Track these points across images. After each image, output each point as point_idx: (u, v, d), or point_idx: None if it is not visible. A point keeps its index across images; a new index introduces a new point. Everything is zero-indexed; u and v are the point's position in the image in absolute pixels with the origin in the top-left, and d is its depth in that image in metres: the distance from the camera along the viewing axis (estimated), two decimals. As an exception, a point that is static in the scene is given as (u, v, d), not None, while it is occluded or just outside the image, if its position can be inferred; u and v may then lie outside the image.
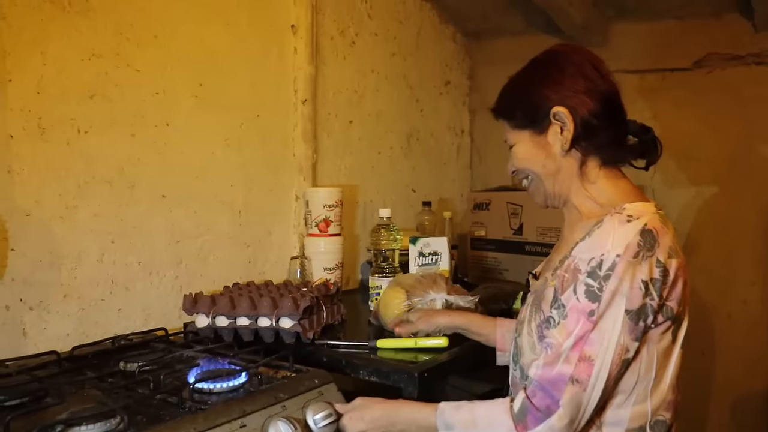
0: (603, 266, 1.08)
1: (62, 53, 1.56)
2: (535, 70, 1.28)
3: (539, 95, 1.23)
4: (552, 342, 1.10)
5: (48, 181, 1.55)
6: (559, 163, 1.24)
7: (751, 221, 2.58)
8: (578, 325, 1.08)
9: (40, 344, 1.52)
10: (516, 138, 1.28)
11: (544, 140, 1.24)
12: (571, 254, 1.17)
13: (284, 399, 1.21)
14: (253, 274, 2.06)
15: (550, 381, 1.08)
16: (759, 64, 2.56)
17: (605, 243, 1.10)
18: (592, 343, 1.07)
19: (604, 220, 1.15)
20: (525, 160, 1.27)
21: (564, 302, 1.11)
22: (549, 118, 1.22)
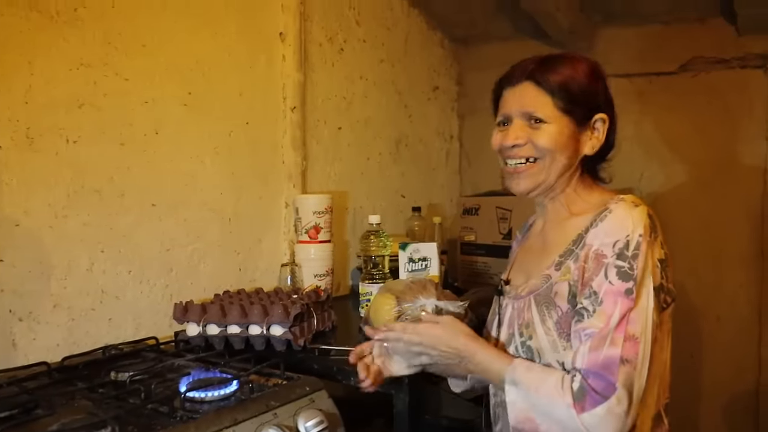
0: (630, 246, 1.12)
1: (50, 63, 1.56)
2: (594, 70, 1.27)
3: (597, 93, 1.26)
4: (593, 330, 1.10)
5: (37, 191, 1.55)
6: (576, 162, 1.26)
7: (738, 223, 2.61)
8: (617, 306, 1.09)
9: (30, 355, 1.52)
10: (553, 117, 1.23)
11: (578, 135, 1.25)
12: (582, 244, 1.18)
13: (275, 407, 1.21)
14: (244, 281, 2.06)
15: (602, 365, 1.07)
16: (743, 67, 2.59)
17: (626, 225, 1.14)
18: (634, 322, 1.09)
19: (611, 207, 1.18)
20: (556, 142, 1.23)
21: (596, 289, 1.12)
22: (591, 119, 1.25)
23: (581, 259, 1.17)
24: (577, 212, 1.27)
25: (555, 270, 1.23)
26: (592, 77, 1.26)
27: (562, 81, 1.23)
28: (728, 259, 2.63)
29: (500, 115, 1.30)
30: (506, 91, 1.28)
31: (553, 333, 1.19)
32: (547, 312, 1.21)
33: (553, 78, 1.23)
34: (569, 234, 1.24)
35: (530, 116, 1.23)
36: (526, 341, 1.24)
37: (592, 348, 1.08)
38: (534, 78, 1.24)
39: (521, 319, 1.27)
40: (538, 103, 1.23)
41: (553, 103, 1.22)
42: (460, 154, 3.29)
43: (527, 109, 1.23)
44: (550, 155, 1.23)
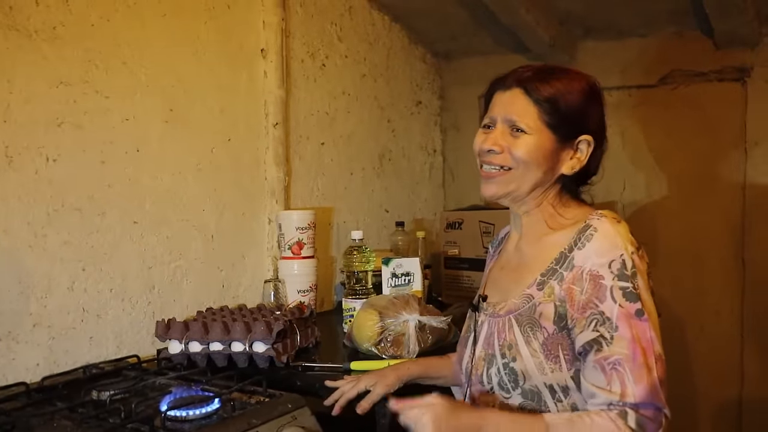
0: (627, 265, 1.11)
1: (29, 81, 1.55)
2: (591, 91, 1.25)
3: (587, 115, 1.24)
4: (619, 358, 1.07)
5: (16, 210, 1.54)
6: (552, 179, 1.25)
7: (719, 234, 2.63)
8: (634, 330, 1.08)
9: (9, 375, 1.50)
10: (536, 129, 1.21)
11: (558, 153, 1.23)
12: (568, 264, 1.16)
13: (257, 424, 1.21)
14: (227, 298, 2.05)
15: (650, 394, 1.06)
16: (721, 80, 2.62)
17: (617, 243, 1.13)
18: (655, 341, 1.09)
19: (593, 224, 1.17)
20: (532, 154, 1.21)
21: (609, 315, 1.10)
22: (575, 139, 1.23)
23: (567, 280, 1.16)
24: (554, 227, 1.25)
25: (537, 290, 1.21)
26: (586, 97, 1.24)
27: (552, 95, 1.21)
28: (710, 269, 2.65)
29: (487, 117, 1.28)
30: (497, 95, 1.27)
31: (539, 355, 1.16)
32: (532, 333, 1.18)
33: (544, 90, 1.21)
34: (548, 251, 1.22)
35: (513, 124, 1.22)
36: (509, 363, 1.20)
37: (637, 380, 1.06)
38: (525, 86, 1.22)
39: (502, 340, 1.23)
40: (523, 113, 1.21)
41: (537, 115, 1.21)
42: (443, 169, 3.30)
43: (511, 116, 1.22)
44: (524, 166, 1.22)
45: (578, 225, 1.20)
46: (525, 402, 1.19)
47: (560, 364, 1.15)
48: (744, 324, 2.60)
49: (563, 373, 1.15)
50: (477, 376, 1.26)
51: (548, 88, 1.21)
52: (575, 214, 1.25)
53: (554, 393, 1.17)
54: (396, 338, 1.63)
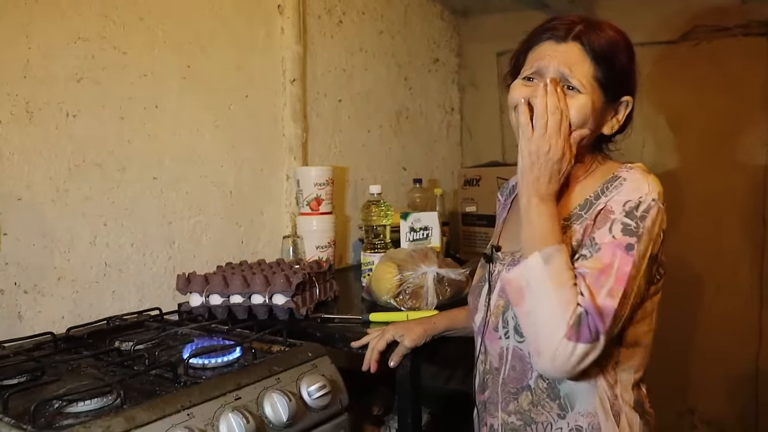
0: (640, 207, 1.10)
1: (48, 37, 1.56)
2: (631, 48, 1.20)
3: (632, 74, 1.21)
4: (585, 271, 1.07)
5: (38, 165, 1.55)
6: (592, 139, 1.21)
7: (739, 192, 2.60)
8: (616, 258, 1.07)
9: (36, 327, 1.54)
10: (589, 88, 1.15)
11: (604, 112, 1.19)
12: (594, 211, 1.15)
13: (278, 372, 1.23)
14: (246, 253, 2.07)
15: (600, 310, 1.04)
16: (746, 35, 2.56)
17: (642, 187, 1.12)
18: (632, 281, 1.07)
19: (622, 174, 1.16)
20: (585, 116, 1.15)
21: (597, 240, 1.10)
22: (618, 100, 1.20)
23: (588, 220, 1.15)
24: (579, 179, 1.24)
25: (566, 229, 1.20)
26: (631, 55, 1.20)
27: (608, 53, 1.16)
28: (729, 228, 2.63)
29: (531, 66, 1.19)
30: (546, 45, 1.18)
31: None
32: None
33: (600, 48, 1.15)
34: (573, 199, 1.21)
35: (566, 81, 1.15)
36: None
37: (592, 289, 1.05)
38: (581, 40, 1.15)
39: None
40: (579, 69, 1.14)
41: (593, 73, 1.15)
42: (461, 127, 3.28)
43: (567, 72, 1.14)
44: (578, 125, 1.15)
45: (605, 176, 1.19)
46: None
47: None
48: (763, 284, 2.59)
49: None
50: (493, 323, 1.26)
51: (604, 45, 1.16)
52: (602, 167, 1.24)
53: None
54: (414, 290, 1.65)
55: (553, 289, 1.06)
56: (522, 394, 1.21)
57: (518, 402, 1.21)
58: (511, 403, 1.22)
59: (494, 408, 1.26)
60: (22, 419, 0.98)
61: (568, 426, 1.16)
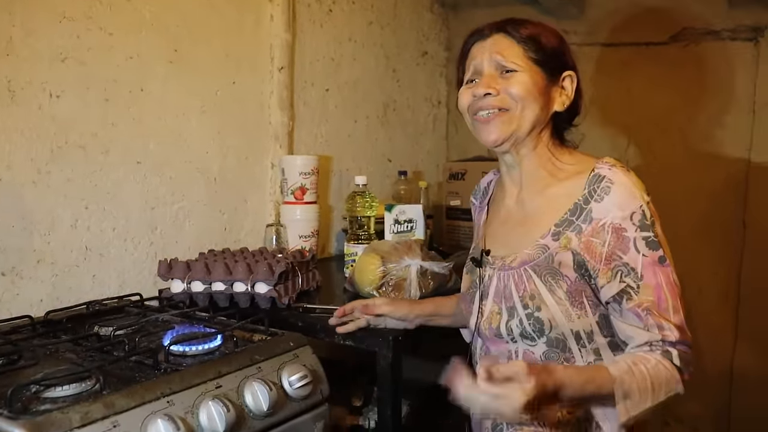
0: (647, 215, 1.14)
1: (32, 14, 1.53)
2: (557, 31, 1.28)
3: (565, 51, 1.26)
4: (648, 306, 1.13)
5: (19, 146, 1.53)
6: (546, 118, 1.24)
7: (721, 195, 2.62)
8: (659, 276, 1.14)
9: (13, 310, 1.52)
10: (525, 67, 1.21)
11: (549, 89, 1.24)
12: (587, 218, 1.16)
13: (260, 361, 1.22)
14: (229, 241, 2.06)
15: (682, 333, 1.14)
16: (733, 39, 2.58)
17: (634, 194, 1.15)
18: (677, 285, 1.16)
19: (605, 174, 1.17)
20: (529, 92, 1.20)
21: (633, 265, 1.13)
22: (560, 76, 1.25)
23: (586, 233, 1.15)
24: (558, 176, 1.24)
25: (552, 240, 1.19)
26: (559, 38, 1.27)
27: (533, 33, 1.23)
28: (710, 230, 2.65)
29: (469, 70, 1.26)
30: (476, 46, 1.26)
31: (565, 302, 1.17)
32: (554, 282, 1.18)
33: (524, 30, 1.23)
34: (559, 202, 1.21)
35: (502, 66, 1.21)
36: (534, 312, 1.19)
37: (664, 315, 1.13)
38: (505, 30, 1.23)
39: (522, 291, 1.21)
40: (510, 53, 1.21)
41: (524, 53, 1.21)
42: (447, 120, 3.28)
43: (498, 57, 1.21)
44: (521, 104, 1.20)
45: (584, 174, 1.19)
46: (549, 350, 1.20)
47: (585, 309, 1.17)
48: (741, 285, 2.62)
49: (589, 318, 1.18)
50: (491, 329, 1.25)
51: (527, 29, 1.23)
52: (574, 161, 1.25)
53: (579, 339, 1.18)
54: (398, 282, 1.65)
55: (652, 393, 1.10)
56: None
57: None
58: None
59: None
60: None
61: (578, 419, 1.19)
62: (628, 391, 1.08)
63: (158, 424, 0.99)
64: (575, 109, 1.29)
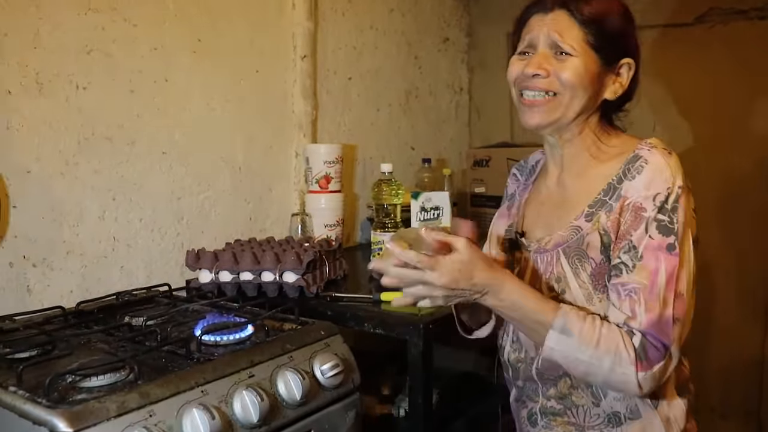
0: (670, 199, 1.08)
1: (58, 7, 1.54)
2: (627, 13, 1.21)
3: (628, 37, 1.20)
4: (636, 287, 1.07)
5: (48, 138, 1.54)
6: (595, 105, 1.20)
7: (750, 178, 2.58)
8: (660, 263, 1.07)
9: (45, 300, 1.53)
10: (582, 51, 1.15)
11: (602, 77, 1.18)
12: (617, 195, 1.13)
13: (291, 350, 1.22)
14: (255, 230, 2.06)
15: (659, 326, 1.05)
16: (762, 18, 2.52)
17: (666, 176, 1.10)
18: (682, 279, 1.07)
19: (643, 155, 1.13)
20: (581, 77, 1.15)
21: (636, 244, 1.08)
22: (618, 63, 1.19)
23: (616, 210, 1.13)
24: (599, 157, 1.22)
25: (585, 221, 1.17)
26: (626, 19, 1.20)
27: (597, 15, 1.16)
28: (738, 213, 2.61)
29: (524, 41, 1.20)
30: (534, 18, 1.20)
31: (588, 286, 1.15)
32: (580, 264, 1.16)
33: (588, 10, 1.15)
34: (596, 183, 1.18)
35: (557, 47, 1.16)
36: (559, 296, 1.18)
37: (649, 309, 1.06)
38: (567, 7, 1.16)
39: (549, 273, 1.20)
40: (568, 34, 1.15)
41: (583, 37, 1.15)
42: (469, 107, 3.25)
43: (555, 36, 1.15)
44: (571, 91, 1.16)
45: (626, 155, 1.16)
46: None
47: (607, 293, 1.13)
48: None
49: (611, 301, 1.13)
50: None
51: (592, 8, 1.16)
52: (619, 143, 1.22)
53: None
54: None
55: (594, 348, 1.05)
56: (561, 381, 1.20)
57: (557, 388, 1.21)
58: (552, 389, 1.21)
59: (534, 393, 1.25)
60: (36, 393, 0.97)
61: (605, 412, 1.17)
62: (568, 328, 1.07)
63: (193, 414, 0.99)
64: (628, 95, 1.24)
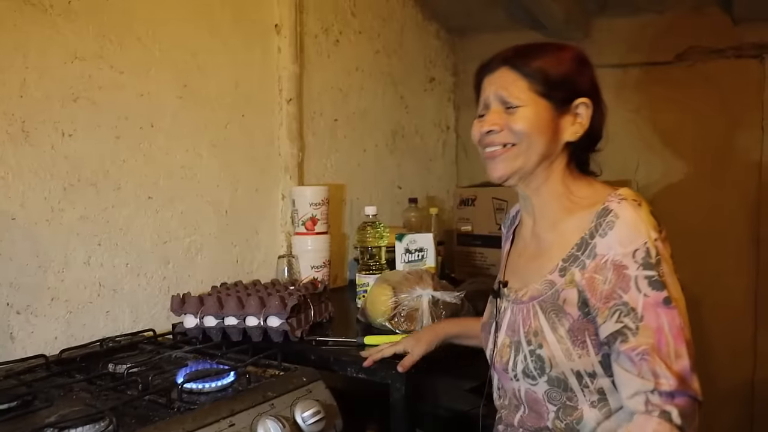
0: (651, 254, 1.08)
1: (45, 56, 1.56)
2: (578, 57, 1.23)
3: (577, 76, 1.21)
4: (645, 348, 1.06)
5: (33, 185, 1.55)
6: (557, 149, 1.21)
7: (734, 213, 2.61)
8: (662, 319, 1.06)
9: (28, 348, 1.53)
10: (529, 101, 1.18)
11: (558, 120, 1.19)
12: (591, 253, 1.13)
13: (272, 397, 1.22)
14: (241, 273, 2.06)
15: (681, 382, 1.05)
16: (738, 57, 2.59)
17: (640, 230, 1.10)
18: (686, 327, 1.09)
19: (613, 208, 1.12)
20: (534, 126, 1.17)
21: (633, 305, 1.07)
22: (572, 104, 1.20)
23: (590, 268, 1.12)
24: (571, 210, 1.21)
25: (559, 276, 1.17)
26: (575, 62, 1.22)
27: (540, 65, 1.19)
28: (724, 248, 2.63)
29: (480, 103, 1.26)
30: (485, 80, 1.25)
31: (566, 341, 1.14)
32: (557, 319, 1.16)
33: (531, 62, 1.19)
34: (569, 236, 1.18)
35: (506, 102, 1.19)
36: (536, 350, 1.18)
37: (669, 367, 1.05)
38: (510, 63, 1.21)
39: (527, 327, 1.20)
40: (514, 87, 1.19)
41: (529, 87, 1.18)
42: (456, 145, 3.29)
43: (501, 93, 1.20)
44: (526, 139, 1.18)
45: (596, 207, 1.15)
46: (551, 389, 1.18)
47: (587, 349, 1.13)
48: (758, 303, 2.59)
49: (591, 358, 1.13)
50: (501, 363, 1.24)
51: (535, 60, 1.20)
52: (589, 194, 1.21)
53: (581, 379, 1.15)
54: (410, 313, 1.64)
55: None
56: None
57: None
58: None
59: None
60: (14, 447, 0.97)
61: None
62: None
63: (172, 466, 0.99)
64: (595, 136, 1.24)
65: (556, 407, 1.18)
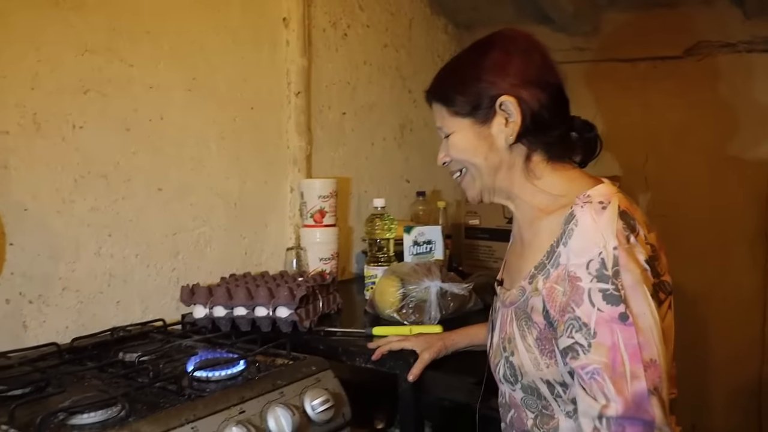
0: (607, 264, 0.99)
1: (56, 49, 1.57)
2: (479, 54, 1.16)
3: (485, 81, 1.13)
4: (596, 367, 0.97)
5: (44, 176, 1.56)
6: (503, 156, 1.15)
7: (743, 208, 2.60)
8: (616, 335, 0.96)
9: (41, 337, 1.54)
10: (454, 126, 1.17)
11: (487, 131, 1.14)
12: (555, 262, 1.07)
13: (282, 386, 1.23)
14: (250, 265, 2.08)
15: (634, 407, 0.94)
16: (750, 51, 2.57)
17: (596, 239, 1.01)
18: (646, 346, 0.96)
19: (576, 213, 1.05)
20: (465, 150, 1.16)
21: (586, 320, 0.99)
22: (494, 107, 1.12)
23: (552, 278, 1.06)
24: (546, 209, 1.14)
25: (528, 283, 1.13)
26: (487, 64, 1.14)
27: (448, 85, 1.19)
28: (733, 243, 2.63)
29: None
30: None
31: (534, 350, 1.10)
32: (527, 328, 1.11)
33: (442, 87, 1.21)
34: (543, 239, 1.11)
35: (442, 131, 1.22)
36: (509, 357, 1.15)
37: (619, 390, 0.94)
38: (431, 93, 1.24)
39: (504, 333, 1.18)
40: (439, 117, 1.21)
41: (448, 112, 1.18)
42: (464, 140, 3.28)
43: (438, 125, 1.22)
44: (466, 163, 1.18)
45: (567, 209, 1.07)
46: (526, 396, 1.15)
47: (556, 359, 1.07)
48: (767, 297, 2.59)
49: (559, 368, 1.07)
50: (493, 364, 1.23)
51: (444, 83, 1.21)
52: (566, 190, 1.13)
53: (552, 388, 1.10)
54: (418, 305, 1.65)
55: None
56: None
57: None
58: None
59: None
60: (28, 431, 0.98)
61: None
62: None
63: (183, 451, 1.00)
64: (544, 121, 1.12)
65: (533, 414, 1.15)
